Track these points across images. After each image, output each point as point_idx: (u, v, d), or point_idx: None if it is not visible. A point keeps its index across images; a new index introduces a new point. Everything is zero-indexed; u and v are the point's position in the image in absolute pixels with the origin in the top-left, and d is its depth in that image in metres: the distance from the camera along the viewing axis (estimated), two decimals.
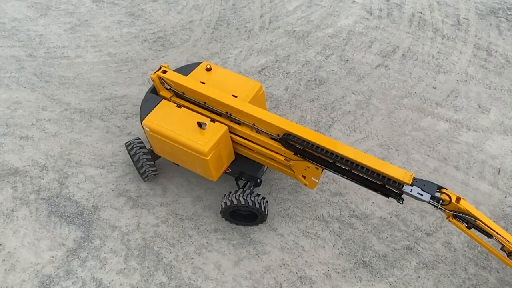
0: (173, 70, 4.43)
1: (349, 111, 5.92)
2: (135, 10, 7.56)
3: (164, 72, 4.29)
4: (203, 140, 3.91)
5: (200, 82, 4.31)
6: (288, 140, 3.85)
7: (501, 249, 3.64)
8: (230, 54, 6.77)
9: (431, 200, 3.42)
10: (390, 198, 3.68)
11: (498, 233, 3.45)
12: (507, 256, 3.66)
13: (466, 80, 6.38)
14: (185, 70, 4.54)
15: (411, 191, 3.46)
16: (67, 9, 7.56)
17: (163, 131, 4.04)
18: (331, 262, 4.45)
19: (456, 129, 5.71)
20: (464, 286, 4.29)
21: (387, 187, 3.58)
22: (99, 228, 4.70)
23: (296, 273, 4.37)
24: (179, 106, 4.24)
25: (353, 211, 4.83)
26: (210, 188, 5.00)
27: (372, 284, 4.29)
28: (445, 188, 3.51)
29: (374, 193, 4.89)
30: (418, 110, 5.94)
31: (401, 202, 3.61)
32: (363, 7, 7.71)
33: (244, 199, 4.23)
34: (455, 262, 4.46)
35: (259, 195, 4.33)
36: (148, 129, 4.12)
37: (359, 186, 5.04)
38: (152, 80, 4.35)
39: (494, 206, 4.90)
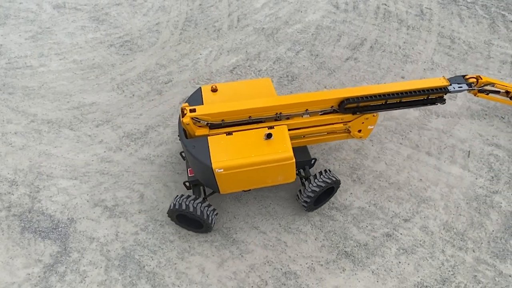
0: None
1: None
2: (99, 15, 7.37)
3: (194, 111, 3.94)
4: (280, 147, 3.85)
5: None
6: (346, 105, 4.13)
7: None
8: (200, 54, 6.71)
9: (468, 87, 4.39)
10: (435, 104, 4.44)
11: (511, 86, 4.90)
12: None
13: (433, 68, 6.57)
14: (191, 103, 4.18)
15: (454, 89, 4.29)
16: (27, 17, 7.28)
17: (240, 162, 3.78)
18: (314, 255, 4.48)
19: (426, 116, 5.87)
20: (443, 267, 4.42)
21: (431, 97, 4.31)
22: (76, 240, 4.56)
23: (281, 269, 4.38)
24: (229, 133, 3.99)
25: (332, 203, 4.89)
26: (188, 192, 4.94)
27: (355, 273, 4.36)
28: (467, 74, 4.53)
29: (352, 184, 4.98)
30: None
31: (444, 103, 4.41)
32: (329, 1, 7.81)
33: (318, 184, 4.33)
34: (433, 245, 4.59)
35: (325, 171, 4.44)
36: (222, 170, 3.76)
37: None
38: (186, 124, 3.91)
39: (466, 188, 5.07)
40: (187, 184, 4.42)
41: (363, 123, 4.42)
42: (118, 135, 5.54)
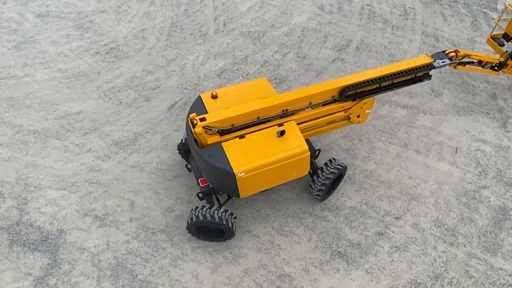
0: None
1: None
2: (83, 23, 7.30)
3: (204, 119, 3.91)
4: (294, 142, 3.97)
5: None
6: (347, 93, 4.34)
7: (490, 67, 5.52)
8: (187, 59, 6.68)
9: (450, 61, 4.73)
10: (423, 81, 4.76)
11: (484, 56, 5.24)
12: (493, 69, 5.57)
13: None
14: (195, 113, 4.12)
15: (438, 64, 4.61)
16: (9, 27, 7.18)
17: (260, 163, 3.81)
18: (308, 257, 4.48)
19: (413, 114, 5.94)
20: (435, 263, 4.46)
21: (418, 75, 4.57)
22: (67, 252, 4.49)
23: (275, 272, 4.37)
24: (241, 136, 4.01)
25: (324, 204, 4.90)
26: (180, 198, 4.90)
27: (349, 273, 4.37)
28: (446, 50, 4.89)
29: (343, 184, 4.99)
30: (376, 100, 6.11)
31: (430, 79, 4.69)
32: (314, 3, 7.86)
33: (332, 172, 4.55)
34: (425, 242, 4.62)
35: (333, 159, 4.69)
36: (244, 174, 3.78)
37: None
38: (199, 134, 3.87)
39: (455, 184, 5.12)
40: (200, 195, 4.39)
41: (361, 108, 4.64)
42: (106, 143, 5.48)
